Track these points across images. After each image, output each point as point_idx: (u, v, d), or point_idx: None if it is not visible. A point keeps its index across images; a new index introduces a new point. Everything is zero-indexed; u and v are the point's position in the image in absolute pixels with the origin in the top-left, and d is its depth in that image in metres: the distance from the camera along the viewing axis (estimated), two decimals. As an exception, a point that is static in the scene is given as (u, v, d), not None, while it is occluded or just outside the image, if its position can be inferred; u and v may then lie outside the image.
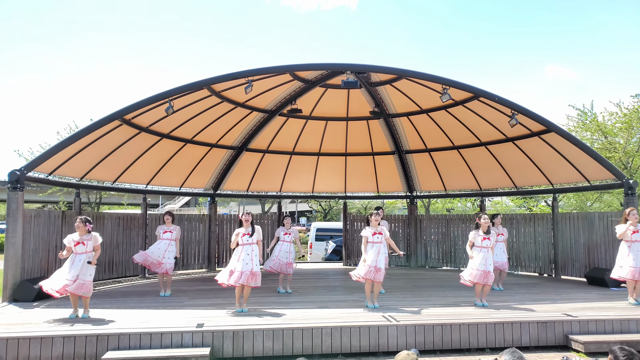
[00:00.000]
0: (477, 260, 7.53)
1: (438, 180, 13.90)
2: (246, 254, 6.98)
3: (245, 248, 7.02)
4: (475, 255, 7.59)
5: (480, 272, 7.46)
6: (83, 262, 6.59)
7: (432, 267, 13.70)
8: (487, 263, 7.53)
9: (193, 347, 5.72)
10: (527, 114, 9.40)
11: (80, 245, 6.64)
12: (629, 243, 7.77)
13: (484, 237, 7.63)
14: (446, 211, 29.85)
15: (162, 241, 8.74)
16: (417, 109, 12.18)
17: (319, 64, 9.59)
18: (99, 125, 8.66)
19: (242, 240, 7.06)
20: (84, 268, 6.57)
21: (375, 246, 7.37)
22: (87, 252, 6.67)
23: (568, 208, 22.38)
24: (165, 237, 8.75)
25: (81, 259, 6.59)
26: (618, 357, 2.90)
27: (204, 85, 9.29)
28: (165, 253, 8.62)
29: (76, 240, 6.65)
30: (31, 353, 5.50)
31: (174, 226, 8.90)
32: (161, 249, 8.63)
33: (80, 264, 6.56)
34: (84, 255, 6.63)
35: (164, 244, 8.70)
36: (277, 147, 13.56)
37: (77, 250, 6.62)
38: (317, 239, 18.95)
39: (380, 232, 7.48)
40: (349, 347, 6.05)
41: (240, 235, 7.07)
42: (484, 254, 7.55)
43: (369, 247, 7.39)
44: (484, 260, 7.52)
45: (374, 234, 7.42)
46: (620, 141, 18.33)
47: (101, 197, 27.50)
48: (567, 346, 6.38)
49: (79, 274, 6.51)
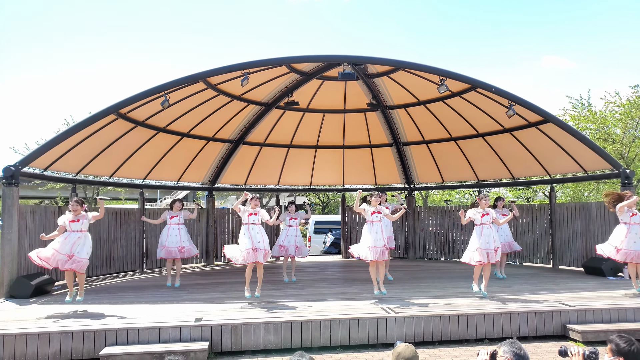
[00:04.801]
0: (477, 239, 7.33)
1: (436, 171, 13.88)
2: (256, 232, 7.07)
3: (253, 227, 7.09)
4: (476, 234, 7.42)
5: (482, 251, 7.21)
6: (76, 239, 6.58)
7: (431, 258, 13.72)
8: (490, 240, 7.27)
9: (192, 342, 5.71)
10: (524, 105, 9.36)
11: (76, 222, 6.65)
12: (628, 225, 7.66)
13: (483, 213, 7.42)
14: (444, 203, 29.87)
15: (171, 227, 8.71)
16: (415, 101, 12.13)
17: (316, 55, 9.53)
18: (94, 120, 8.60)
19: (248, 219, 7.11)
20: (78, 245, 6.58)
21: (375, 225, 7.36)
22: (82, 231, 6.70)
23: (565, 198, 22.41)
24: (173, 222, 8.73)
25: (74, 236, 6.60)
26: (619, 344, 2.87)
27: (199, 78, 9.22)
28: (181, 237, 8.64)
29: (71, 218, 6.67)
30: (28, 350, 5.48)
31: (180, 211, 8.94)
32: (174, 235, 8.62)
33: (74, 240, 6.57)
34: (79, 233, 6.64)
35: (173, 229, 8.68)
36: (275, 140, 13.50)
37: (72, 227, 6.63)
38: (316, 232, 18.92)
39: (379, 211, 7.45)
40: (347, 340, 6.05)
41: (247, 215, 7.11)
42: (485, 231, 7.34)
43: (368, 226, 7.39)
44: (485, 237, 7.28)
45: (372, 212, 7.41)
46: (618, 131, 18.32)
47: (98, 192, 27.40)
48: (565, 336, 6.40)
49: (74, 251, 6.51)
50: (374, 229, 7.33)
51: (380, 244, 7.27)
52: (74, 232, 6.66)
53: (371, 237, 7.28)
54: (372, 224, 7.38)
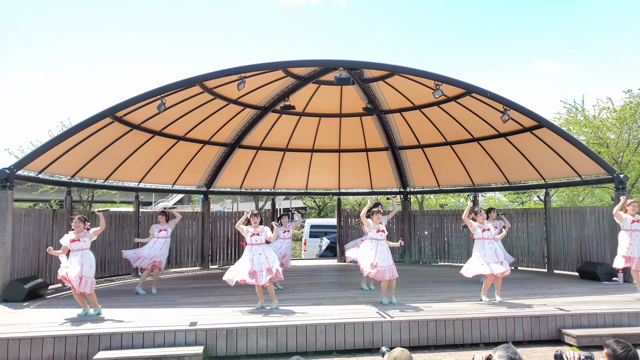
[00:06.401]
0: (482, 252, 7.33)
1: (431, 176, 13.92)
2: (258, 253, 6.97)
3: (256, 248, 7.01)
4: (478, 248, 7.42)
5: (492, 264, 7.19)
6: (80, 259, 6.53)
7: (426, 262, 13.74)
8: (494, 254, 7.28)
9: (186, 346, 5.68)
10: (519, 110, 9.41)
11: (77, 242, 6.60)
12: (630, 232, 7.69)
13: (484, 228, 7.47)
14: (439, 207, 29.93)
15: (158, 240, 8.71)
16: (410, 105, 12.17)
17: (312, 60, 9.55)
18: (90, 123, 8.56)
19: (251, 240, 7.04)
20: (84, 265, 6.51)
21: (380, 244, 7.34)
22: (84, 250, 6.63)
23: (560, 203, 22.52)
24: (161, 236, 8.72)
25: (76, 255, 6.55)
26: (615, 350, 2.87)
27: (195, 82, 9.22)
28: (162, 250, 8.69)
29: (72, 238, 6.62)
30: (21, 354, 5.43)
31: (167, 224, 8.89)
32: (157, 248, 8.64)
33: (79, 260, 6.51)
34: (81, 252, 6.59)
35: (159, 242, 8.68)
36: (271, 144, 13.51)
37: (73, 247, 6.58)
38: (311, 236, 18.91)
39: (384, 230, 7.44)
40: (343, 344, 6.04)
41: (249, 235, 7.05)
42: (487, 244, 7.36)
43: (372, 243, 7.35)
44: (492, 252, 7.30)
45: (377, 231, 7.39)
46: (612, 136, 18.45)
47: (93, 195, 27.30)
48: (560, 340, 6.41)
49: (83, 273, 6.47)
50: (380, 249, 7.29)
51: (388, 264, 7.22)
52: (76, 252, 6.60)
53: (378, 257, 7.23)
54: (377, 242, 7.34)
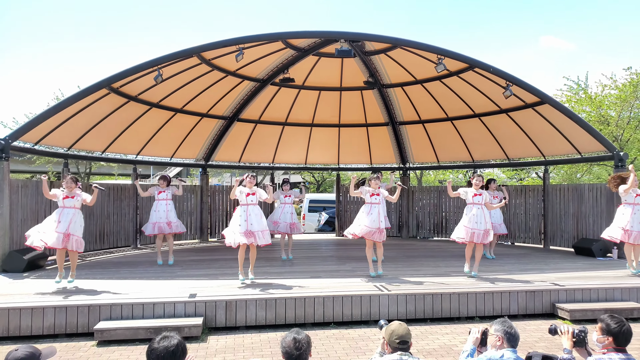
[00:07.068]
0: (467, 218, 7.35)
1: (431, 151, 13.87)
2: (254, 213, 6.91)
3: (251, 208, 6.94)
4: (465, 212, 7.45)
5: (468, 230, 7.23)
6: (72, 216, 6.48)
7: (424, 237, 13.84)
8: (481, 221, 7.24)
9: (186, 317, 5.75)
10: (521, 85, 9.30)
11: (69, 199, 6.52)
12: (632, 206, 7.61)
13: (475, 193, 7.41)
14: (438, 183, 29.97)
15: (159, 202, 8.69)
16: (412, 79, 12.02)
17: (312, 31, 9.37)
18: (86, 94, 8.45)
19: (246, 200, 6.97)
20: (74, 223, 6.48)
21: (374, 207, 7.37)
22: (75, 208, 6.58)
23: (558, 180, 22.54)
24: (160, 198, 8.70)
25: (69, 213, 6.49)
26: (609, 324, 2.92)
27: (193, 53, 9.05)
28: (168, 213, 8.60)
29: (65, 194, 6.52)
30: (22, 324, 5.49)
31: (168, 188, 8.89)
32: (162, 211, 8.59)
33: (69, 218, 6.45)
34: (72, 210, 6.54)
35: (161, 204, 8.66)
36: (269, 118, 13.38)
37: (66, 204, 6.51)
38: (310, 210, 18.99)
39: (379, 193, 7.46)
40: (341, 316, 6.13)
41: (245, 195, 6.97)
42: (475, 211, 7.33)
43: (366, 207, 7.40)
44: (475, 217, 7.27)
45: (372, 194, 7.41)
46: (613, 114, 18.33)
47: (91, 167, 27.20)
48: (553, 314, 6.52)
49: (71, 230, 6.42)
50: (372, 211, 7.34)
51: (375, 226, 7.26)
52: (67, 209, 6.55)
53: (368, 219, 7.29)
54: (370, 206, 7.38)
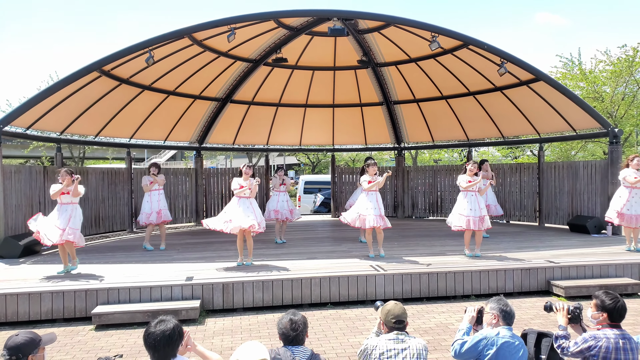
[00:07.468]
0: (461, 205, 7.44)
1: (426, 131, 13.82)
2: (245, 206, 6.88)
3: (244, 201, 6.93)
4: (461, 199, 7.52)
5: (464, 218, 7.33)
6: (70, 212, 6.49)
7: (419, 217, 13.90)
8: (475, 207, 7.35)
9: (183, 300, 5.78)
10: (516, 62, 9.24)
11: (66, 195, 6.52)
12: (630, 189, 7.67)
13: (470, 180, 7.47)
14: (433, 162, 30.01)
15: (151, 192, 8.67)
16: (406, 58, 11.89)
17: (304, 10, 9.23)
18: (77, 77, 8.31)
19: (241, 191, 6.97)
20: (73, 218, 6.49)
21: (370, 194, 7.42)
22: (73, 203, 6.58)
23: (552, 157, 22.61)
24: (154, 189, 8.68)
25: (67, 209, 6.50)
26: (604, 301, 2.95)
27: (184, 34, 8.90)
28: (160, 202, 8.62)
29: (63, 190, 6.52)
30: (20, 309, 5.51)
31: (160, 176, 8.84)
32: (154, 201, 8.59)
33: (67, 214, 6.47)
34: (70, 206, 6.54)
35: (154, 194, 8.65)
36: (263, 99, 13.25)
37: (63, 200, 6.51)
38: (306, 192, 18.99)
39: (372, 180, 7.46)
40: (337, 297, 6.17)
41: (239, 187, 6.98)
42: (469, 197, 7.43)
43: (364, 194, 7.46)
44: (469, 204, 7.37)
45: (368, 182, 7.43)
46: (607, 90, 18.27)
47: (85, 151, 27.01)
48: (548, 291, 6.59)
49: (69, 224, 6.43)
50: (370, 199, 7.39)
51: (373, 213, 7.28)
52: (65, 205, 6.51)
53: (365, 205, 7.35)
54: (367, 193, 7.45)
